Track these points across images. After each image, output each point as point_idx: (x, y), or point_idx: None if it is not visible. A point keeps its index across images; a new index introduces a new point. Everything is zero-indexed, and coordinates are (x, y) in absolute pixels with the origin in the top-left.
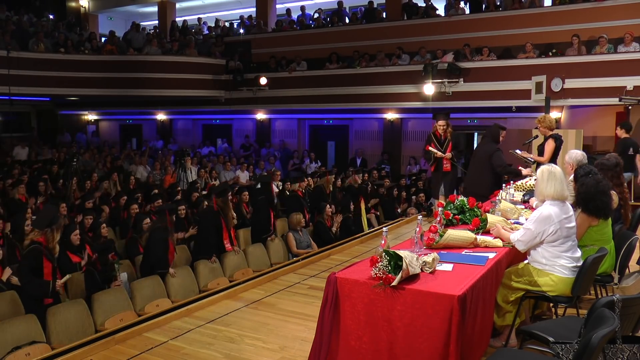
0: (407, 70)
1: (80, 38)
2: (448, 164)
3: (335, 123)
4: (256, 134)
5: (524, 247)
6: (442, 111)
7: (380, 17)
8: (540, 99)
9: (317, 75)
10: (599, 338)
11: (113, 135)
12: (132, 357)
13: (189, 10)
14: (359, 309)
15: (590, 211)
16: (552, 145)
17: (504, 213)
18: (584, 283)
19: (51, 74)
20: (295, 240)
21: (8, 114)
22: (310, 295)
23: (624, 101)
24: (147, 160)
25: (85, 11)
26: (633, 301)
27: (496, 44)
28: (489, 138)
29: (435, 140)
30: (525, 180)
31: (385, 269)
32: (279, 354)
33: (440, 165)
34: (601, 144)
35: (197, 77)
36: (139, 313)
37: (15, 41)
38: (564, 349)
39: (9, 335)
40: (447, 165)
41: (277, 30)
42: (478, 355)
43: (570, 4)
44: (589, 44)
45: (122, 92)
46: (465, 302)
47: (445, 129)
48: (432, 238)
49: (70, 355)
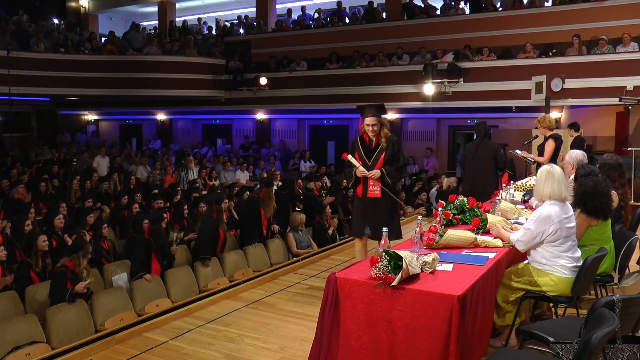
0: (407, 70)
1: (80, 38)
2: (377, 188)
3: (335, 123)
4: (256, 134)
5: (524, 247)
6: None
7: (380, 17)
8: (540, 99)
9: (317, 75)
10: (599, 338)
11: (113, 135)
12: (132, 357)
13: (189, 10)
14: (359, 309)
15: (589, 211)
16: (552, 146)
17: (504, 213)
18: (584, 283)
19: (51, 74)
20: (296, 240)
21: (8, 114)
22: (310, 295)
23: (624, 101)
24: (147, 160)
25: (85, 11)
26: (633, 301)
27: (496, 44)
28: (483, 136)
29: (361, 147)
30: (526, 180)
31: (385, 269)
32: (279, 354)
33: (364, 189)
34: (601, 144)
35: (197, 77)
36: (139, 313)
37: (15, 41)
38: (564, 349)
39: (9, 335)
40: (374, 190)
41: (277, 30)
42: (478, 355)
43: (570, 4)
44: (589, 44)
45: (122, 92)
46: (465, 302)
47: (377, 130)
48: (432, 238)
49: (70, 355)
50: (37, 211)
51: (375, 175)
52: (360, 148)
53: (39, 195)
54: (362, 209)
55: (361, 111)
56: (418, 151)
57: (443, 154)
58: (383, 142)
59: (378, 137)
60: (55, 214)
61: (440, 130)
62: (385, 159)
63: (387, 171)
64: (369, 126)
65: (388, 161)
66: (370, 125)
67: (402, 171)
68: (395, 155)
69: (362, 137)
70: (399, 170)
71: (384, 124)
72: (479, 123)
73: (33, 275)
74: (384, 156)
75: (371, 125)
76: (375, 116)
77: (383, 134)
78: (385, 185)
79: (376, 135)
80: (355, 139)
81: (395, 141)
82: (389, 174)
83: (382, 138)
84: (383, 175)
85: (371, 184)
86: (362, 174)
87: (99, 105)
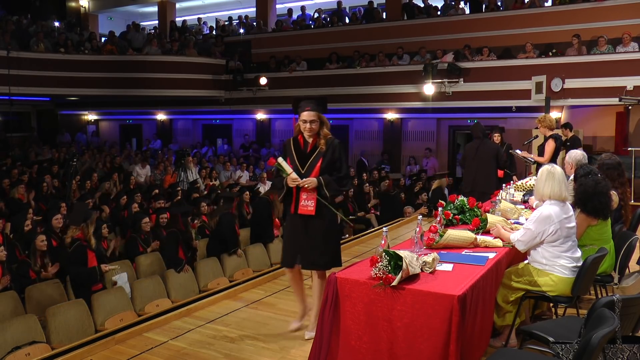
0: (407, 70)
1: (80, 38)
2: (310, 202)
3: (335, 123)
4: (256, 134)
5: (524, 247)
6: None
7: (380, 17)
8: (540, 99)
9: (317, 75)
10: (599, 338)
11: (113, 135)
12: (132, 357)
13: (189, 10)
14: (359, 309)
15: (589, 211)
16: (552, 146)
17: (504, 213)
18: (584, 283)
19: (51, 74)
20: None
21: (8, 114)
22: (310, 295)
23: (624, 101)
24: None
25: (85, 11)
26: (633, 301)
27: (496, 44)
28: (482, 137)
29: (295, 151)
30: (526, 180)
31: (385, 269)
32: (279, 354)
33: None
34: (601, 144)
35: (197, 77)
36: (139, 313)
37: (15, 41)
38: (564, 349)
39: (9, 335)
40: (307, 205)
41: (277, 30)
42: (478, 355)
43: (570, 4)
44: (589, 44)
45: (122, 92)
46: (465, 302)
47: (315, 129)
48: (432, 238)
49: (70, 355)
50: (37, 211)
51: (310, 185)
52: (293, 152)
53: (39, 195)
54: (291, 230)
55: (296, 105)
56: (418, 151)
57: (443, 154)
58: (322, 144)
59: (315, 139)
60: (54, 214)
61: (440, 130)
62: (323, 166)
63: (326, 181)
64: (305, 123)
65: (326, 168)
66: (308, 121)
67: (345, 183)
68: (336, 162)
69: (295, 139)
70: (340, 182)
71: (324, 122)
72: (475, 124)
73: (32, 275)
74: (321, 162)
75: (309, 122)
76: (314, 110)
77: (323, 134)
78: (323, 198)
79: (313, 135)
80: (288, 142)
81: (337, 145)
82: (327, 185)
83: (321, 139)
84: (320, 185)
85: (304, 197)
86: (294, 183)
87: (99, 105)
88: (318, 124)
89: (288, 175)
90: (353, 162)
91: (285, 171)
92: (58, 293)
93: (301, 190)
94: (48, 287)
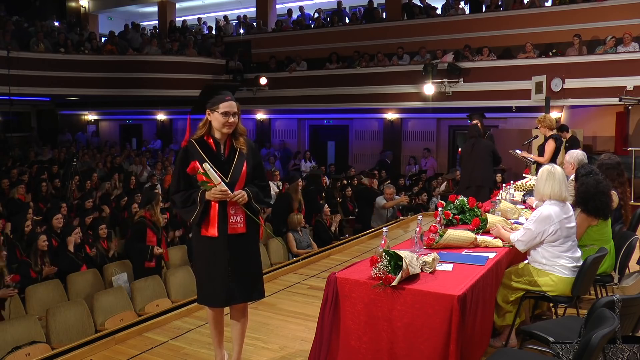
0: (407, 70)
1: (80, 38)
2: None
3: (335, 123)
4: (256, 134)
5: (524, 247)
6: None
7: (380, 17)
8: (540, 99)
9: (317, 75)
10: (599, 338)
11: (113, 135)
12: (132, 357)
13: (189, 10)
14: (359, 309)
15: (590, 211)
16: (552, 146)
17: (504, 213)
18: (584, 283)
19: (51, 74)
20: (295, 240)
21: (8, 114)
22: (310, 295)
23: (624, 101)
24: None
25: (85, 11)
26: (633, 301)
27: (496, 44)
28: (478, 136)
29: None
30: (526, 180)
31: (385, 269)
32: (279, 354)
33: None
34: (601, 144)
35: (197, 77)
36: (139, 313)
37: (15, 41)
38: (564, 349)
39: (9, 335)
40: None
41: (277, 30)
42: (478, 355)
43: (570, 4)
44: (589, 44)
45: (122, 92)
46: (465, 302)
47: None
48: (432, 238)
49: (70, 355)
50: (36, 211)
51: (242, 200)
52: (204, 158)
53: (39, 195)
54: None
55: (209, 95)
56: (418, 151)
57: (443, 154)
58: (241, 144)
59: (229, 139)
60: (54, 213)
61: (440, 130)
62: (249, 171)
63: (254, 192)
64: (227, 116)
65: (251, 175)
66: (231, 113)
67: (268, 193)
68: (257, 168)
69: (202, 141)
70: (265, 192)
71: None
72: (471, 126)
73: (33, 275)
74: (246, 167)
75: (231, 114)
76: (234, 101)
77: (239, 131)
78: (253, 213)
79: (230, 134)
80: (190, 146)
81: (254, 147)
82: (256, 198)
83: (239, 139)
84: (250, 199)
85: (232, 212)
86: (223, 197)
87: (99, 105)
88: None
89: (214, 187)
90: (358, 162)
91: (213, 181)
92: (58, 293)
93: (228, 205)
94: (48, 287)
